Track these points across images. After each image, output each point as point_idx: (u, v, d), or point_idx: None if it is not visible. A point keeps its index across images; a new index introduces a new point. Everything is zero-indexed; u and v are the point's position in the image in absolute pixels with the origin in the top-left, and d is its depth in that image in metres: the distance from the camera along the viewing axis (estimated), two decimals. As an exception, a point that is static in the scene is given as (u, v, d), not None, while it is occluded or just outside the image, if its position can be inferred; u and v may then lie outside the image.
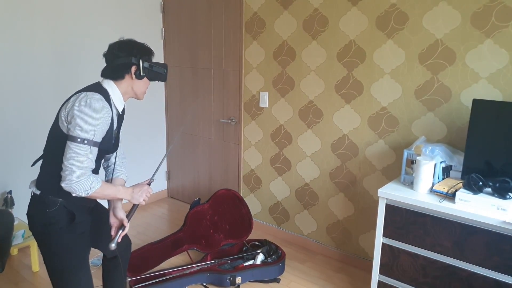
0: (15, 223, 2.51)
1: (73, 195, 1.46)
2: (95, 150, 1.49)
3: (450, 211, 1.76)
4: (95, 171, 1.62)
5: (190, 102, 3.61)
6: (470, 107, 1.98)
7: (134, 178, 2.85)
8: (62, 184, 1.43)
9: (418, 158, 1.93)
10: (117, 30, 3.25)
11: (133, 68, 1.60)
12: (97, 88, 1.56)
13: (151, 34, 3.58)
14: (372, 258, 2.06)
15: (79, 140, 1.44)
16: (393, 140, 2.47)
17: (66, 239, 1.56)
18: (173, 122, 3.82)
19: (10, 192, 2.76)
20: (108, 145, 1.60)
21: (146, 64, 1.62)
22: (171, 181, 3.99)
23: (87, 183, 1.45)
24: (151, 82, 1.70)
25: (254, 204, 3.30)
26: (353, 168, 2.68)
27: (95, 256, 2.81)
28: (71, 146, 1.43)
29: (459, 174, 2.00)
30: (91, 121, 1.45)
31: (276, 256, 2.64)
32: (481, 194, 1.75)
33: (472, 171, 1.82)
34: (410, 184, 2.03)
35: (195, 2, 3.38)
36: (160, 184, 3.99)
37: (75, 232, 1.59)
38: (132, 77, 1.61)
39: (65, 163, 1.43)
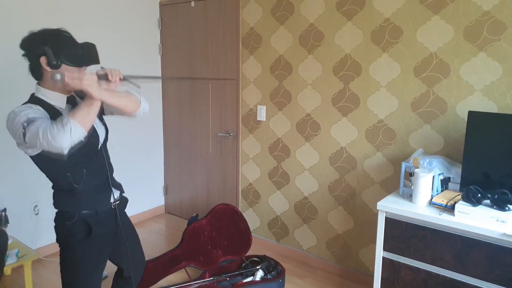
0: (9, 242, 2.47)
1: (63, 152, 1.33)
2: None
3: (450, 224, 1.75)
4: (96, 172, 1.59)
5: (188, 116, 3.62)
6: (466, 119, 1.99)
7: (131, 191, 2.83)
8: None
9: (416, 170, 1.93)
10: (115, 45, 3.27)
11: (43, 60, 1.42)
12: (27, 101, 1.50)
13: (149, 49, 3.60)
14: (373, 272, 2.04)
15: (25, 125, 1.36)
16: (391, 153, 2.47)
17: (81, 253, 1.58)
18: (171, 136, 3.82)
19: (4, 210, 2.72)
20: None
21: (57, 49, 1.41)
22: (169, 196, 3.96)
23: (63, 134, 1.30)
24: (87, 68, 1.51)
25: (252, 219, 3.27)
26: (351, 181, 2.67)
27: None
28: (30, 132, 1.35)
29: (458, 186, 1.99)
30: (15, 117, 1.40)
31: (275, 272, 2.61)
32: (480, 206, 1.75)
33: (470, 183, 1.82)
34: (409, 196, 2.02)
35: (192, 18, 3.42)
36: (158, 200, 3.96)
37: (91, 246, 1.59)
38: (49, 70, 1.43)
39: (42, 142, 1.32)
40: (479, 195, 1.75)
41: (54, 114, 1.48)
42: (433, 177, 1.93)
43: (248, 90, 3.12)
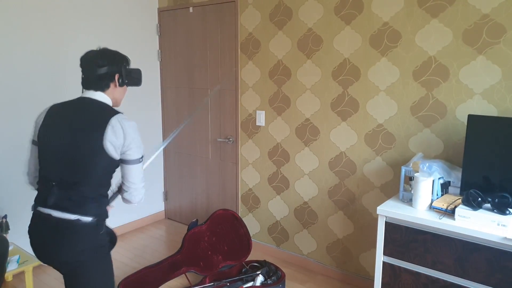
0: (10, 248, 2.46)
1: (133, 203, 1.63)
2: None
3: (450, 228, 1.74)
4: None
5: (187, 122, 3.62)
6: (466, 123, 1.99)
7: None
8: (127, 197, 1.61)
9: (416, 174, 1.92)
10: (114, 53, 3.28)
11: (117, 76, 1.64)
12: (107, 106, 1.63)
13: (147, 56, 3.61)
14: (373, 277, 2.02)
15: (140, 159, 1.59)
16: (391, 157, 2.47)
17: (110, 261, 1.65)
18: (170, 142, 3.81)
19: (5, 216, 2.71)
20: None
21: (127, 71, 1.67)
22: (168, 202, 3.95)
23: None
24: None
25: (252, 224, 3.26)
26: (351, 185, 2.66)
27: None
28: (136, 167, 1.57)
29: (458, 190, 1.98)
30: (138, 139, 1.59)
31: (276, 277, 2.59)
32: (480, 210, 1.73)
33: (470, 187, 1.82)
34: (409, 201, 2.01)
35: (190, 24, 3.43)
36: (157, 206, 3.95)
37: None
38: (116, 85, 1.64)
39: (131, 181, 1.58)
40: (480, 199, 1.74)
41: None
42: (433, 181, 1.92)
43: (247, 95, 3.12)
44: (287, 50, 2.83)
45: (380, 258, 1.97)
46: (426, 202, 1.90)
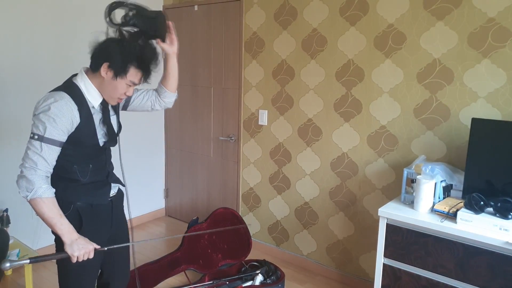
0: (10, 242, 2.47)
1: (19, 192, 1.44)
2: (51, 148, 1.43)
3: (452, 231, 1.73)
4: (101, 169, 1.62)
5: (190, 119, 3.62)
6: (469, 126, 1.98)
7: (131, 194, 2.82)
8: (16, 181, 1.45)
9: (418, 177, 1.91)
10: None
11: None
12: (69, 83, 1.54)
13: (151, 53, 3.61)
14: (373, 279, 2.02)
15: (31, 135, 1.42)
16: (393, 159, 2.46)
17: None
18: (172, 139, 3.81)
19: (6, 210, 2.72)
20: (92, 140, 1.55)
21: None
22: (169, 199, 3.95)
23: (32, 183, 1.41)
24: None
25: (253, 223, 3.26)
26: (353, 187, 2.66)
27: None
28: (28, 143, 1.43)
29: (460, 194, 1.98)
30: (42, 117, 1.42)
31: (275, 277, 2.59)
32: (482, 214, 1.73)
33: (472, 191, 1.81)
34: (411, 203, 2.01)
35: (195, 22, 3.43)
36: (158, 203, 3.95)
37: None
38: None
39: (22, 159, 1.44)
40: (482, 202, 1.73)
41: (84, 110, 1.50)
42: (435, 184, 1.91)
43: (250, 94, 3.12)
44: (291, 50, 2.83)
45: (380, 260, 1.96)
46: (428, 205, 1.90)
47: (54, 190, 1.47)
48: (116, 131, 1.68)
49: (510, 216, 1.68)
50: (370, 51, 2.46)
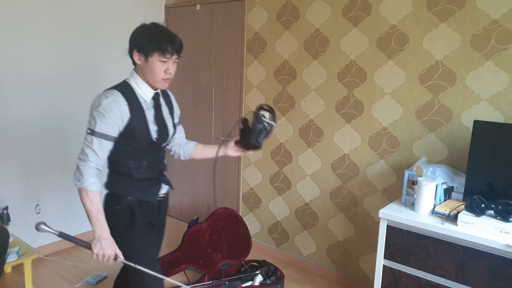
0: (10, 240, 2.47)
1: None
2: (101, 142, 1.52)
3: (452, 234, 1.72)
4: (154, 167, 1.69)
5: (191, 119, 3.62)
6: (471, 129, 1.97)
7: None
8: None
9: (419, 179, 1.91)
10: (119, 48, 3.27)
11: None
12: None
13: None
14: (373, 281, 2.01)
15: (86, 129, 1.53)
16: (394, 161, 2.45)
17: (130, 240, 1.61)
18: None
19: (6, 208, 2.72)
20: (144, 134, 1.61)
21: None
22: (169, 199, 3.94)
23: (82, 173, 1.50)
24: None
25: (253, 223, 3.26)
26: (353, 188, 2.65)
27: (90, 275, 2.76)
28: (86, 139, 1.54)
29: (461, 196, 1.97)
30: (94, 113, 1.52)
31: (275, 278, 2.59)
32: (483, 217, 1.72)
33: (474, 193, 1.80)
34: (412, 205, 2.00)
35: (197, 21, 3.43)
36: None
37: (137, 232, 1.63)
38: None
39: (78, 156, 1.54)
40: (483, 205, 1.73)
41: (135, 106, 1.58)
42: (436, 186, 1.91)
43: (252, 94, 3.12)
44: (293, 50, 2.82)
45: (380, 261, 1.96)
46: (428, 207, 1.89)
47: (100, 185, 1.55)
48: (168, 129, 1.74)
49: (511, 219, 1.68)
50: (373, 52, 2.46)
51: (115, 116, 1.52)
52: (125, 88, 1.59)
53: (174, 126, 1.81)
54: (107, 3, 3.20)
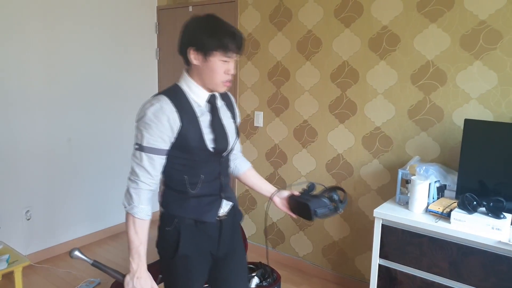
0: (0, 247, 2.44)
1: None
2: (151, 158, 1.33)
3: (446, 231, 1.74)
4: (213, 181, 1.44)
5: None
6: (462, 127, 2.00)
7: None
8: None
9: (412, 177, 1.93)
10: (111, 50, 3.27)
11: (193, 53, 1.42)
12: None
13: (145, 54, 3.60)
14: (369, 280, 2.03)
15: (134, 145, 1.36)
16: (388, 160, 2.48)
17: (173, 269, 1.49)
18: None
19: (-2, 214, 2.69)
20: (199, 143, 1.37)
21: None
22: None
23: (132, 198, 1.35)
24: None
25: (248, 225, 3.26)
26: (348, 188, 2.67)
27: (83, 281, 2.73)
28: (134, 156, 1.37)
29: (454, 194, 1.99)
30: (139, 125, 1.34)
31: (271, 279, 2.59)
32: (475, 214, 1.75)
33: (466, 191, 1.82)
34: (406, 204, 2.02)
35: (190, 23, 3.42)
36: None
37: (182, 266, 1.48)
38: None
39: (128, 177, 1.39)
40: (475, 202, 1.75)
41: (186, 112, 1.36)
42: (430, 184, 1.93)
43: (245, 95, 3.12)
44: (287, 51, 2.84)
45: (376, 260, 1.97)
46: (422, 205, 1.91)
47: (150, 214, 1.41)
48: (228, 136, 1.47)
49: (502, 216, 1.70)
50: (365, 53, 2.48)
51: (164, 126, 1.31)
52: (174, 93, 1.38)
53: (238, 132, 1.56)
54: (98, 4, 3.19)
